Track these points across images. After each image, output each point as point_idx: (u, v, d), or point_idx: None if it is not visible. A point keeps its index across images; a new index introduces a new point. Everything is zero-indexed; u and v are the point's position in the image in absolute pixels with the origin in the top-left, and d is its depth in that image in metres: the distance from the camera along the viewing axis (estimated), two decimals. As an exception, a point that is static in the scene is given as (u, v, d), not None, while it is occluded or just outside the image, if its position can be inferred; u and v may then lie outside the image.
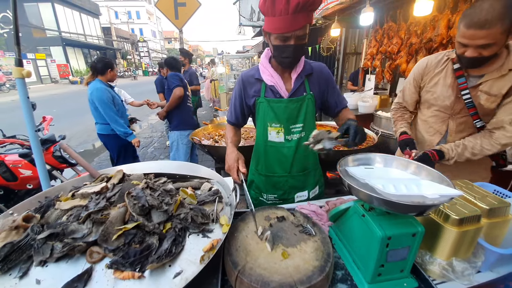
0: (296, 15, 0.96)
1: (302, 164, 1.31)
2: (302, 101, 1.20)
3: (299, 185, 1.34)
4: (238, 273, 0.73)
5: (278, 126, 1.22)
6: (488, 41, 1.01)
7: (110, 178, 0.94)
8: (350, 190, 0.73)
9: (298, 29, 0.99)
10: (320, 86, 1.23)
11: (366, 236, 0.76)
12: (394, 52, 3.29)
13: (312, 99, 1.21)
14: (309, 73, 1.21)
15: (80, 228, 0.74)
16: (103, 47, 30.75)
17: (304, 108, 1.21)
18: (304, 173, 1.33)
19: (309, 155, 1.31)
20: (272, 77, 1.18)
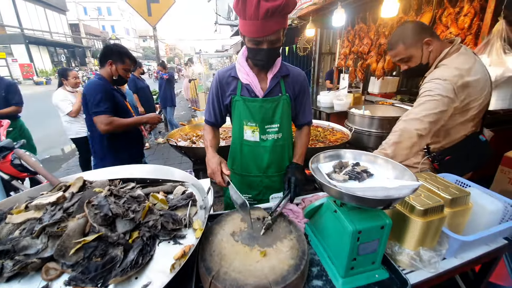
0: (267, 21, 0.95)
1: (278, 165, 1.30)
2: (277, 102, 1.19)
3: (275, 186, 1.33)
4: (212, 278, 0.71)
5: (253, 125, 1.21)
6: (400, 56, 1.29)
7: (69, 186, 0.87)
8: (322, 187, 0.73)
9: (270, 34, 0.98)
10: (295, 89, 1.23)
11: (339, 231, 0.77)
12: (365, 52, 3.44)
13: (288, 100, 1.21)
14: (286, 74, 1.20)
15: (33, 243, 0.67)
16: (71, 45, 28.79)
17: (280, 108, 1.20)
18: (280, 174, 1.32)
19: (285, 156, 1.31)
20: (248, 75, 1.17)
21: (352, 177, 0.73)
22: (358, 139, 2.24)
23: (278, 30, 0.99)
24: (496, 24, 1.99)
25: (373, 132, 2.17)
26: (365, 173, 0.75)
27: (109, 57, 1.72)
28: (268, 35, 0.98)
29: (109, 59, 1.71)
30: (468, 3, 2.29)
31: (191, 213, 0.90)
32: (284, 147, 1.29)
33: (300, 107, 1.28)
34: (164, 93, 5.41)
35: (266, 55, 1.06)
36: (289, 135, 1.30)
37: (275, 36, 1.00)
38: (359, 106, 2.66)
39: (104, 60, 1.72)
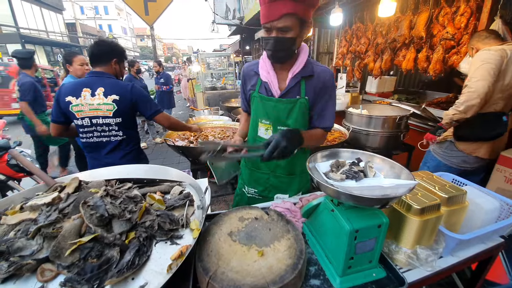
0: (273, 4, 0.91)
1: (287, 167, 1.28)
2: (293, 104, 1.13)
3: (281, 187, 1.31)
4: (210, 279, 0.71)
5: (267, 123, 1.20)
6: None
7: (65, 187, 0.86)
8: (319, 187, 0.73)
9: (275, 19, 0.93)
10: (315, 91, 1.12)
11: (336, 230, 0.77)
12: (362, 51, 3.45)
13: (306, 104, 1.12)
14: (309, 75, 1.10)
15: (28, 244, 0.66)
16: (68, 45, 28.56)
17: (295, 111, 1.14)
18: (288, 176, 1.29)
19: (296, 160, 1.26)
20: (268, 73, 1.14)
21: (349, 176, 0.73)
22: (356, 139, 2.24)
23: (286, 15, 0.92)
24: (492, 24, 2.00)
25: (371, 131, 2.18)
26: (361, 172, 0.75)
27: (114, 55, 1.61)
28: (274, 20, 0.94)
29: (114, 58, 1.61)
30: (465, 3, 2.31)
31: (189, 213, 0.90)
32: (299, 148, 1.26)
33: (317, 109, 1.15)
34: (161, 94, 5.40)
35: (274, 45, 0.99)
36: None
37: (283, 23, 0.94)
38: (357, 105, 2.66)
39: (108, 58, 1.60)
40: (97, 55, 1.58)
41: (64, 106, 1.49)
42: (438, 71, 2.55)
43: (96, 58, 1.59)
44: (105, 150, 1.59)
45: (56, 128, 1.58)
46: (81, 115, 1.50)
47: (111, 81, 1.56)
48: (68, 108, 1.49)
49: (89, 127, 1.53)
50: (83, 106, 1.49)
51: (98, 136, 1.55)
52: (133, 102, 1.57)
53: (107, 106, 1.51)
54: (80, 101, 1.48)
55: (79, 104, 1.48)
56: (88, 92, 1.49)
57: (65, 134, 1.67)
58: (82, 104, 1.49)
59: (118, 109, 1.52)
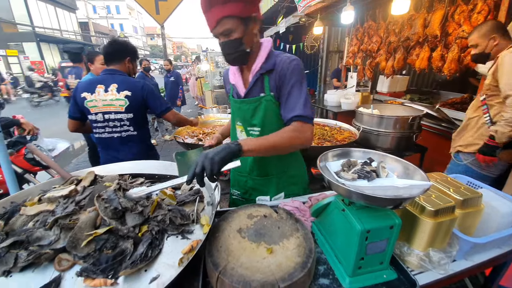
0: (208, 12, 0.93)
1: (262, 169, 1.25)
2: (257, 102, 1.10)
3: (260, 189, 1.30)
4: (219, 274, 0.71)
5: (240, 124, 1.21)
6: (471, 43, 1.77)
7: (81, 180, 0.88)
8: (330, 186, 0.73)
9: (214, 27, 0.94)
10: (276, 84, 1.05)
11: (347, 230, 0.76)
12: (374, 50, 3.38)
13: (272, 100, 1.07)
14: (270, 69, 1.05)
15: (46, 234, 0.69)
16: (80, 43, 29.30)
17: (261, 110, 1.10)
18: (264, 178, 1.27)
19: (270, 161, 1.24)
20: (234, 75, 1.16)
21: (361, 176, 0.72)
22: (366, 139, 2.21)
23: (222, 20, 0.91)
24: (511, 23, 1.93)
25: (382, 132, 2.14)
26: (374, 172, 0.74)
27: (127, 54, 1.67)
28: (214, 28, 0.94)
29: (127, 56, 1.67)
30: (482, 1, 2.23)
31: (199, 209, 0.91)
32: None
33: (283, 99, 1.04)
34: (170, 92, 5.47)
35: (223, 49, 1.01)
36: None
37: (222, 28, 0.93)
38: (367, 105, 2.62)
39: (122, 56, 1.66)
40: (111, 53, 1.64)
41: (80, 102, 1.56)
42: (453, 71, 2.48)
43: (110, 57, 1.65)
44: (116, 145, 1.64)
45: (73, 123, 1.67)
46: (94, 110, 1.56)
47: (123, 78, 1.62)
48: (83, 104, 1.55)
49: (101, 122, 1.58)
50: (96, 101, 1.54)
51: (110, 131, 1.61)
52: (144, 98, 1.62)
53: (120, 101, 1.56)
54: (94, 96, 1.54)
55: (93, 100, 1.54)
56: (102, 88, 1.55)
57: (81, 130, 1.75)
58: (96, 99, 1.54)
59: (130, 105, 1.57)
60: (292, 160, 1.29)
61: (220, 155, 0.80)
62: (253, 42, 1.03)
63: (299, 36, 7.06)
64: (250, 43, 1.01)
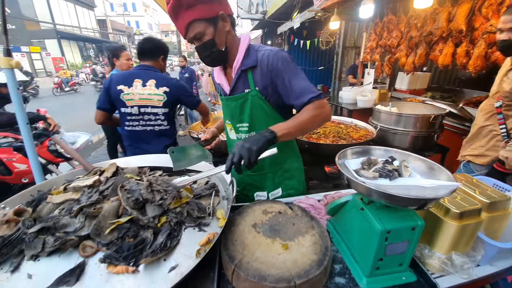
0: (176, 21, 0.94)
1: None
2: (243, 99, 1.10)
3: (256, 185, 1.31)
4: (235, 267, 0.72)
5: (229, 123, 1.22)
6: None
7: (103, 171, 0.92)
8: (349, 184, 0.71)
9: (185, 33, 0.96)
10: (263, 79, 1.05)
11: (365, 230, 0.75)
12: (393, 45, 3.25)
13: (259, 96, 1.07)
14: (253, 66, 1.05)
15: (72, 222, 0.72)
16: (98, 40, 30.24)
17: (247, 106, 1.10)
18: (259, 174, 1.27)
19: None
20: (219, 75, 1.17)
21: (382, 174, 0.70)
22: (383, 137, 2.14)
23: (188, 25, 0.93)
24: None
25: (400, 131, 2.06)
26: (396, 171, 0.72)
27: (161, 52, 1.75)
28: (185, 34, 0.97)
29: (161, 54, 1.75)
30: (515, -8, 2.08)
31: (215, 203, 0.92)
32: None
33: (285, 91, 1.03)
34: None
35: (198, 52, 1.03)
36: None
37: (192, 33, 0.95)
38: (385, 102, 2.54)
39: (157, 54, 1.74)
40: (147, 50, 1.71)
41: (114, 94, 1.60)
42: (479, 68, 2.34)
43: (147, 53, 1.72)
44: (149, 138, 1.70)
45: (101, 115, 1.70)
46: (131, 103, 1.61)
47: (160, 74, 1.70)
48: (119, 96, 1.59)
49: (136, 115, 1.64)
50: (133, 95, 1.60)
51: (144, 124, 1.67)
52: (178, 94, 1.71)
53: (158, 96, 1.64)
54: (131, 90, 1.60)
55: (130, 93, 1.60)
56: (139, 82, 1.61)
57: (108, 123, 1.79)
58: (133, 93, 1.60)
59: (167, 100, 1.65)
60: (286, 155, 1.29)
61: (258, 145, 0.82)
62: (227, 40, 1.04)
63: (313, 32, 6.93)
64: (223, 42, 1.02)
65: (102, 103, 1.66)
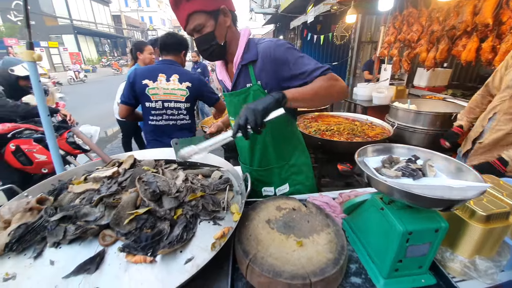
0: (177, 11, 0.93)
1: (262, 160, 1.26)
2: (245, 94, 1.08)
3: (263, 180, 1.30)
4: (249, 261, 0.72)
5: (233, 119, 1.21)
6: None
7: (121, 163, 0.94)
8: (370, 182, 0.69)
9: (185, 25, 0.95)
10: (267, 72, 1.02)
11: (385, 230, 0.72)
12: (413, 40, 3.12)
13: (261, 89, 1.05)
14: (253, 59, 1.03)
15: (92, 211, 0.74)
16: (113, 36, 30.89)
17: (250, 101, 1.08)
18: (266, 169, 1.27)
19: (268, 151, 1.23)
20: (221, 71, 1.16)
21: (405, 174, 0.67)
22: (400, 136, 2.07)
23: (189, 16, 0.93)
24: None
25: (418, 129, 1.99)
26: (420, 171, 0.69)
27: (183, 48, 1.77)
28: (185, 26, 0.96)
29: (183, 50, 1.77)
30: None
31: (229, 197, 0.92)
32: (265, 141, 1.20)
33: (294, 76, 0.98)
34: None
35: (197, 45, 1.02)
36: (272, 129, 1.17)
37: (192, 25, 0.94)
38: (403, 99, 2.45)
39: (179, 49, 1.75)
40: (171, 45, 1.71)
41: (139, 89, 1.61)
42: (506, 64, 2.21)
43: (170, 48, 1.72)
44: (171, 132, 1.72)
45: (126, 109, 1.71)
46: (155, 98, 1.62)
47: (182, 69, 1.72)
48: (144, 91, 1.60)
49: (160, 110, 1.66)
50: (158, 89, 1.62)
51: (167, 119, 1.69)
52: (200, 90, 1.72)
53: (181, 91, 1.65)
54: (156, 84, 1.61)
55: (155, 88, 1.61)
56: (164, 77, 1.63)
57: (131, 117, 1.80)
58: (157, 87, 1.61)
59: (190, 95, 1.67)
60: (292, 150, 1.28)
61: (263, 104, 0.79)
62: (227, 34, 1.02)
63: (328, 26, 6.76)
64: (223, 36, 1.01)
65: (126, 97, 1.65)
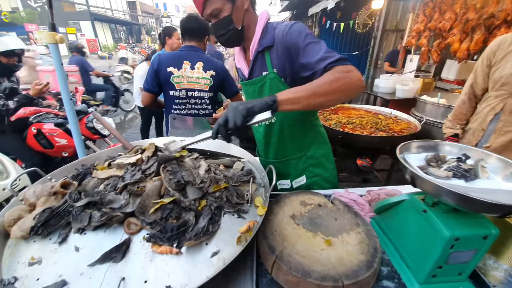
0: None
1: (278, 151, 1.21)
2: (261, 83, 1.04)
3: (279, 172, 1.23)
4: (276, 258, 0.69)
5: None
6: None
7: (144, 150, 0.92)
8: (414, 181, 0.63)
9: (202, 9, 0.94)
10: (281, 60, 0.95)
11: (426, 234, 0.67)
12: (445, 29, 2.89)
13: (277, 78, 0.99)
14: (269, 45, 0.97)
15: (117, 198, 0.72)
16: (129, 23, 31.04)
17: (266, 90, 1.03)
18: (282, 160, 1.22)
19: (285, 143, 1.18)
20: (238, 58, 1.11)
21: (457, 174, 0.60)
22: (428, 131, 1.95)
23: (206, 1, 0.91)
24: None
25: (448, 125, 1.86)
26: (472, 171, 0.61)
27: (206, 33, 1.69)
28: (202, 10, 0.95)
29: (207, 35, 1.70)
30: None
31: (252, 190, 0.88)
32: (282, 132, 1.15)
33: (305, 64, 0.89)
34: None
35: (214, 31, 0.99)
36: (288, 119, 1.12)
37: (209, 9, 0.92)
38: (429, 93, 2.30)
39: (203, 34, 1.66)
40: (196, 30, 1.61)
41: (164, 77, 1.53)
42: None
43: (194, 33, 1.61)
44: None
45: (149, 97, 1.62)
46: (180, 86, 1.55)
47: (207, 57, 1.61)
48: (169, 79, 1.53)
49: (183, 99, 1.59)
50: (183, 78, 1.54)
51: (190, 108, 1.62)
52: (223, 80, 1.63)
53: (205, 80, 1.57)
54: (181, 72, 1.54)
55: (180, 76, 1.54)
56: (188, 65, 1.55)
57: (153, 105, 1.70)
58: (182, 76, 1.54)
59: (214, 85, 1.58)
60: (311, 141, 1.21)
61: (249, 105, 0.69)
62: (245, 18, 0.98)
63: (348, 13, 6.42)
64: (240, 20, 0.97)
65: (150, 84, 1.57)
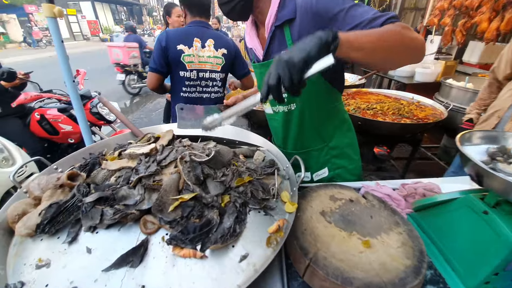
0: None
1: (298, 142, 1.09)
2: None
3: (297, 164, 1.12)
4: (310, 261, 0.62)
5: None
6: None
7: (157, 138, 0.83)
8: (479, 177, 0.53)
9: None
10: (307, 31, 0.78)
11: (483, 237, 0.58)
12: (473, 7, 2.64)
13: None
14: (290, 18, 0.82)
15: (131, 193, 0.65)
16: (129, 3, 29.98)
17: None
18: (302, 152, 1.10)
19: (306, 131, 1.05)
20: (251, 37, 0.97)
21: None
22: (453, 118, 1.82)
23: None
24: None
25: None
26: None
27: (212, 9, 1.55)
28: None
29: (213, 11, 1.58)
30: None
31: (278, 183, 0.80)
32: (302, 120, 1.02)
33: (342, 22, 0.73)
34: None
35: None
36: (310, 105, 0.98)
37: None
38: (452, 76, 2.14)
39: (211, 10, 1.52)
40: (207, 4, 1.45)
41: (174, 55, 1.36)
42: None
43: (203, 8, 1.44)
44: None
45: (157, 79, 1.43)
46: (191, 66, 1.40)
47: (217, 34, 1.46)
48: (179, 58, 1.37)
49: (194, 80, 1.44)
50: (194, 57, 1.39)
51: (200, 91, 1.47)
52: (235, 59, 1.48)
53: (217, 59, 1.42)
54: (192, 51, 1.38)
55: (191, 55, 1.38)
56: (199, 42, 1.39)
57: (160, 89, 1.52)
58: (193, 54, 1.39)
59: (225, 64, 1.44)
60: (334, 129, 1.09)
61: (302, 52, 0.53)
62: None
63: (362, -8, 6.00)
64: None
65: (158, 64, 1.38)
